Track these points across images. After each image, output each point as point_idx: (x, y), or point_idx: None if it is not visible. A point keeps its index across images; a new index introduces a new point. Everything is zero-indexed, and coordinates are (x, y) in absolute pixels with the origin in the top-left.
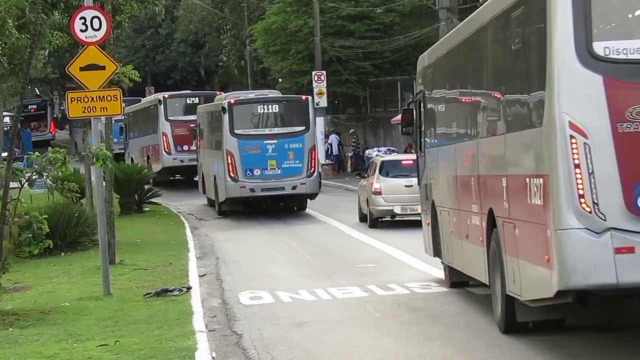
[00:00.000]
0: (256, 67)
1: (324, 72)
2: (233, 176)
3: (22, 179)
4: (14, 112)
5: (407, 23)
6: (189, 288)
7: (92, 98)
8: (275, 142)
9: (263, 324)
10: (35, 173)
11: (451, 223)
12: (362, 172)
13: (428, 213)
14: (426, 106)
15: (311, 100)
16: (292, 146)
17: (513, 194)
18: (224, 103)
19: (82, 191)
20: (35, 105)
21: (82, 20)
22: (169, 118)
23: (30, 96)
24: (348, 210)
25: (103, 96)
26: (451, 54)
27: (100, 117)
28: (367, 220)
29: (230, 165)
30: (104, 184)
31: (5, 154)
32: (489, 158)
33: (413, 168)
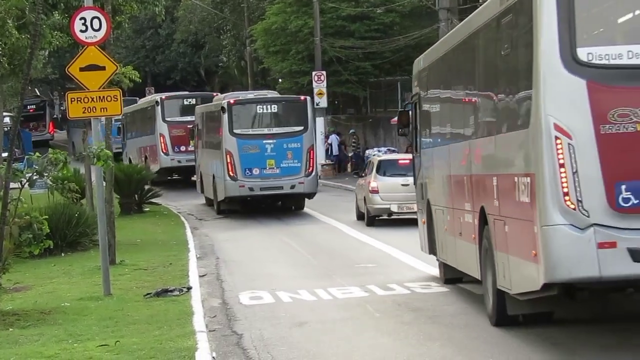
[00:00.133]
0: (256, 68)
1: (324, 73)
2: (232, 175)
3: (23, 180)
4: (14, 113)
5: (407, 23)
6: (189, 288)
7: (92, 98)
8: (274, 142)
9: (263, 324)
10: (35, 173)
11: (445, 221)
12: (360, 172)
13: (423, 212)
14: (421, 108)
15: (310, 100)
16: (291, 146)
17: (503, 193)
18: (224, 103)
19: (82, 191)
20: (34, 105)
21: (82, 20)
22: (166, 119)
23: (29, 96)
24: (348, 210)
25: (103, 96)
26: (445, 58)
27: (100, 118)
28: (365, 218)
29: (229, 164)
30: (104, 184)
31: (5, 155)
32: (481, 158)
33: (409, 167)
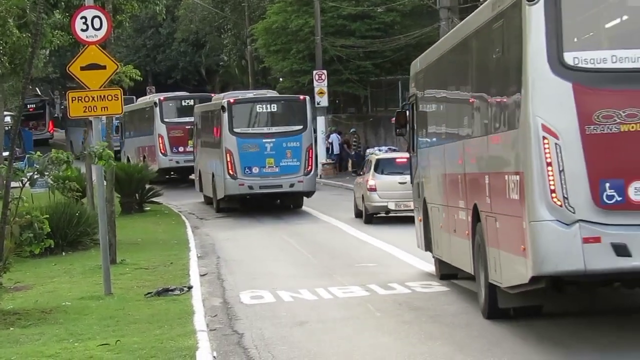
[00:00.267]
0: (257, 67)
1: (325, 72)
2: (232, 174)
3: (24, 179)
4: (15, 112)
5: (408, 22)
6: (190, 287)
7: (93, 97)
8: (273, 141)
9: (264, 323)
10: (36, 173)
11: (440, 218)
12: (359, 170)
13: (420, 210)
14: (418, 108)
15: (309, 100)
16: (290, 145)
17: (494, 190)
18: (224, 102)
19: (83, 190)
20: (33, 104)
21: (83, 19)
22: (165, 120)
23: (29, 95)
24: (348, 209)
25: (104, 95)
26: (441, 60)
27: (100, 117)
28: (363, 216)
29: (229, 163)
30: (105, 184)
31: (6, 154)
32: (474, 157)
33: (407, 166)
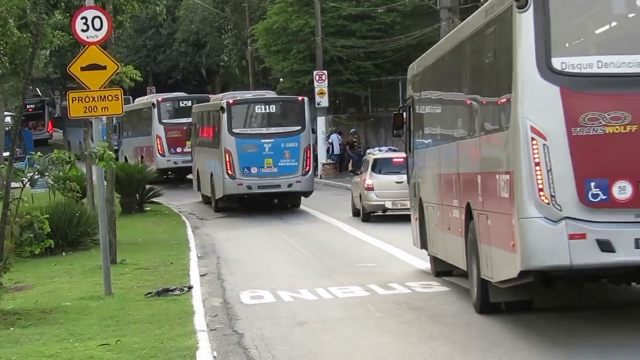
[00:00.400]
0: (257, 67)
1: (325, 72)
2: (231, 174)
3: (24, 179)
4: (16, 112)
5: (408, 23)
6: (190, 287)
7: (93, 98)
8: (271, 141)
9: (264, 323)
10: (37, 173)
11: (436, 217)
12: (356, 170)
13: (416, 209)
14: (414, 110)
15: (307, 100)
16: (288, 145)
17: (486, 189)
18: (223, 103)
19: (83, 191)
20: (32, 104)
21: (84, 20)
22: (163, 121)
23: (28, 96)
24: (348, 209)
25: (104, 96)
26: (436, 64)
27: (101, 117)
28: (360, 214)
29: (228, 163)
30: (105, 184)
31: (6, 154)
32: (467, 158)
33: (403, 165)
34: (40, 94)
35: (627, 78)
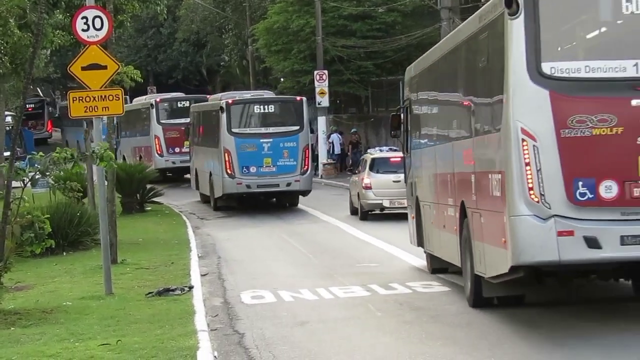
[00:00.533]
0: (258, 67)
1: (326, 72)
2: (230, 173)
3: (25, 179)
4: (16, 112)
5: (409, 23)
6: (191, 287)
7: (94, 97)
8: (270, 141)
9: (265, 323)
10: (38, 173)
11: (432, 215)
12: (354, 169)
13: (413, 208)
14: (412, 112)
15: (305, 100)
16: (287, 145)
17: (479, 188)
18: (222, 103)
19: (84, 190)
20: (32, 104)
21: (84, 19)
22: (161, 121)
23: (29, 95)
24: (348, 209)
25: (105, 96)
26: (433, 67)
27: (101, 117)
28: (358, 213)
29: (227, 162)
30: (106, 184)
31: (7, 153)
32: (461, 158)
33: (401, 165)
34: (40, 94)
35: (613, 82)
